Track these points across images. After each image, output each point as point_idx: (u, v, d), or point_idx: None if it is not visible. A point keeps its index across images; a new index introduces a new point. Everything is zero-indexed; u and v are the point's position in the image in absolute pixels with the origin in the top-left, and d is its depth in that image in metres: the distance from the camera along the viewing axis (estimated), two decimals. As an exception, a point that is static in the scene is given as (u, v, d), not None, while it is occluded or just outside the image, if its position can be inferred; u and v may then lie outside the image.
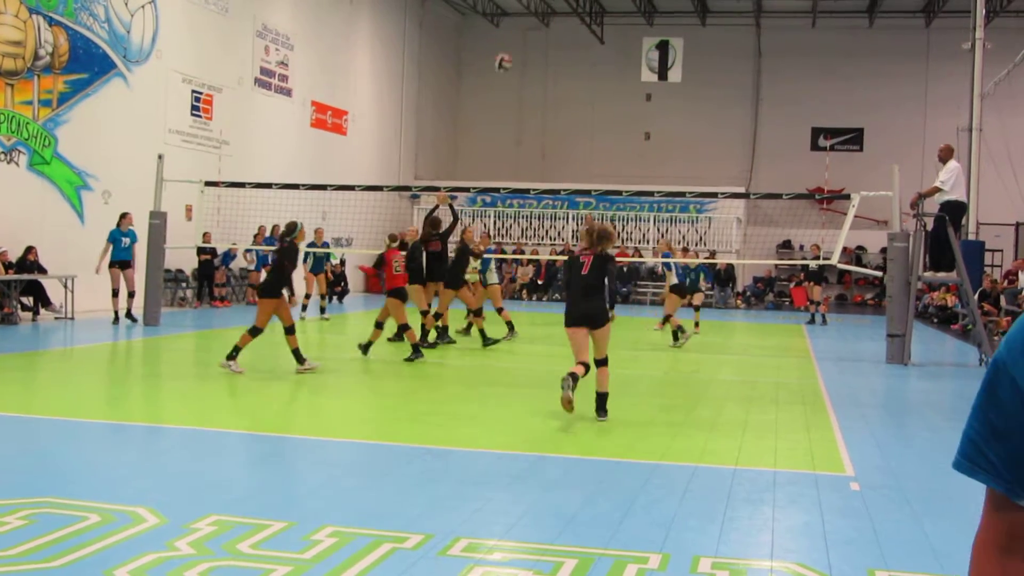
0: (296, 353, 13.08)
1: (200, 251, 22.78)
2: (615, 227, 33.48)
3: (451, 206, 17.24)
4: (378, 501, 6.59)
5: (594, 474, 7.61)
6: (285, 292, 13.18)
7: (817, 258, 23.41)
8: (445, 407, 11.01)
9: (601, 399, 10.09)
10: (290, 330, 13.06)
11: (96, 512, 6.03)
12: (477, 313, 17.28)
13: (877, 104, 37.09)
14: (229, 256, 24.37)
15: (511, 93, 40.49)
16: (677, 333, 18.09)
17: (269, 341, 15.51)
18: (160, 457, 8.02)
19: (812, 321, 24.92)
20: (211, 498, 6.52)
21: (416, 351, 14.54)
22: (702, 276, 20.81)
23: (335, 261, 26.26)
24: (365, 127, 33.54)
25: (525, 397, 11.83)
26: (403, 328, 14.85)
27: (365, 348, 14.93)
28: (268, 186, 20.25)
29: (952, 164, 16.41)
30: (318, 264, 21.91)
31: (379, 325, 15.14)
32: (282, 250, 13.36)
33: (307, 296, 21.91)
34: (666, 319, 19.01)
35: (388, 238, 15.74)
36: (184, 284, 24.10)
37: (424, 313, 16.14)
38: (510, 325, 18.03)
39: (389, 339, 16.68)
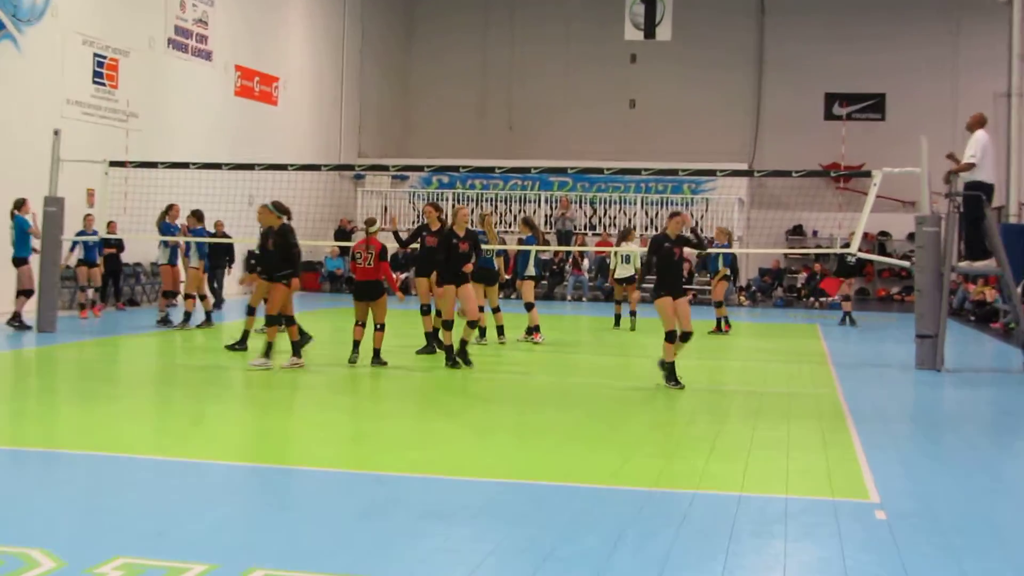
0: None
1: (105, 243, 22.59)
2: (595, 211, 33.56)
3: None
4: (315, 539, 6.53)
5: (574, 504, 7.58)
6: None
7: (847, 245, 23.19)
8: (393, 425, 10.96)
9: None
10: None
11: (-22, 557, 5.95)
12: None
13: (901, 67, 37.28)
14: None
15: (472, 57, 40.45)
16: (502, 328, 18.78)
17: (202, 347, 15.37)
18: (57, 489, 7.91)
19: (844, 321, 24.77)
20: (118, 537, 6.44)
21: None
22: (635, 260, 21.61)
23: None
24: (299, 96, 33.39)
25: (490, 413, 11.78)
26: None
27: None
28: (185, 166, 20.10)
29: (980, 135, 16.41)
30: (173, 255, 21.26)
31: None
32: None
33: (202, 297, 21.14)
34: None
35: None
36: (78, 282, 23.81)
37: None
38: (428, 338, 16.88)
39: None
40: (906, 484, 8.47)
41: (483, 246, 17.90)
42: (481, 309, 17.70)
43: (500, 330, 18.56)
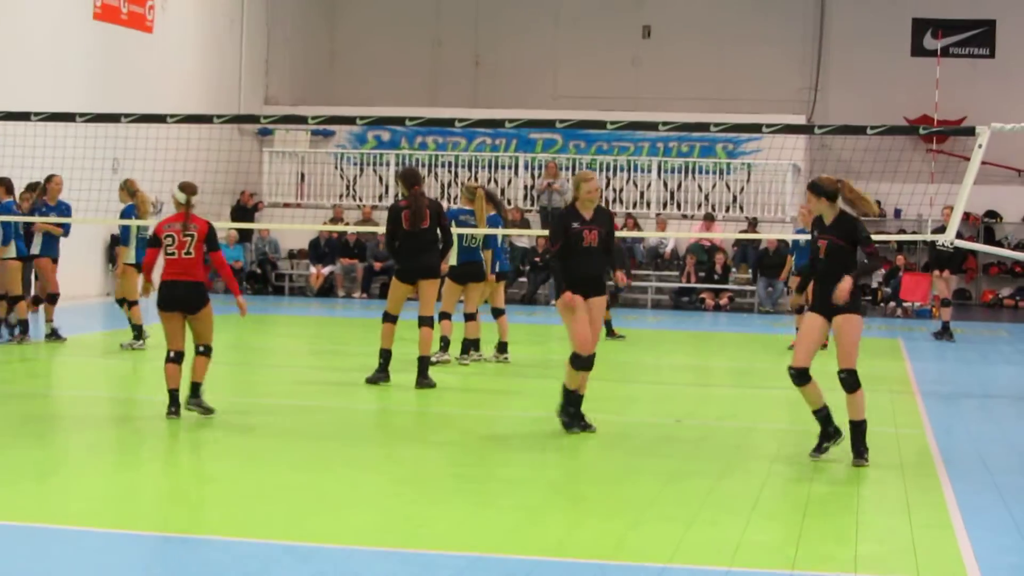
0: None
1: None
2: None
3: None
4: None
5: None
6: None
7: (941, 229, 23.14)
8: (315, 477, 10.98)
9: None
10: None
11: None
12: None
13: (1017, -17, 37.39)
14: None
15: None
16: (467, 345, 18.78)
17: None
18: None
19: (943, 334, 24.79)
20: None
21: None
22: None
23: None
24: (183, 21, 33.25)
25: (447, 462, 11.80)
26: None
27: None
28: (24, 117, 20.08)
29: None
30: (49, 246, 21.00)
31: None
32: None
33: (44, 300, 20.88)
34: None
35: None
36: None
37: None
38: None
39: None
40: (1019, 561, 8.53)
41: (470, 231, 17.96)
42: (447, 316, 17.86)
43: (466, 346, 18.46)
